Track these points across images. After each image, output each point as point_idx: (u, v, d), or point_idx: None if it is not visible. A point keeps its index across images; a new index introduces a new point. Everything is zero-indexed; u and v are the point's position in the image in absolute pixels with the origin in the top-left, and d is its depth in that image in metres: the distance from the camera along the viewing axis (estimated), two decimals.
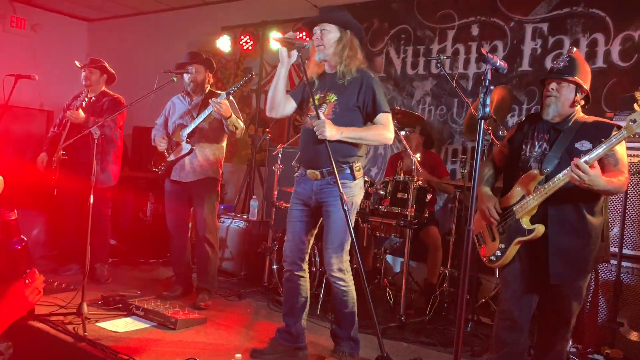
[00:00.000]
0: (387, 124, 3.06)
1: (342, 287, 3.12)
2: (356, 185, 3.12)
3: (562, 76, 2.69)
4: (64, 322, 3.40)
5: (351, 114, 3.05)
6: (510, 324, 2.75)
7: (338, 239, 3.07)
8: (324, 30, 3.07)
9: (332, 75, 3.14)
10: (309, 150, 3.13)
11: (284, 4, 6.36)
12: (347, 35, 3.09)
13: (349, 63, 3.06)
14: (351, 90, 3.05)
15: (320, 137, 2.86)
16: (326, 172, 3.07)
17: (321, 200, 3.11)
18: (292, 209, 3.23)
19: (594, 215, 2.63)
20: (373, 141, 3.13)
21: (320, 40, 3.07)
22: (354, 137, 3.03)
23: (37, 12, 7.94)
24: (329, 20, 3.09)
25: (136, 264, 5.41)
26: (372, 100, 3.03)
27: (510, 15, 4.96)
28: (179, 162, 4.17)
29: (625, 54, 4.40)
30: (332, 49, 3.07)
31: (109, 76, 4.81)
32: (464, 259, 2.06)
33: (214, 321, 3.81)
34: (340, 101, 3.05)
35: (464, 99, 4.28)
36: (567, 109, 2.71)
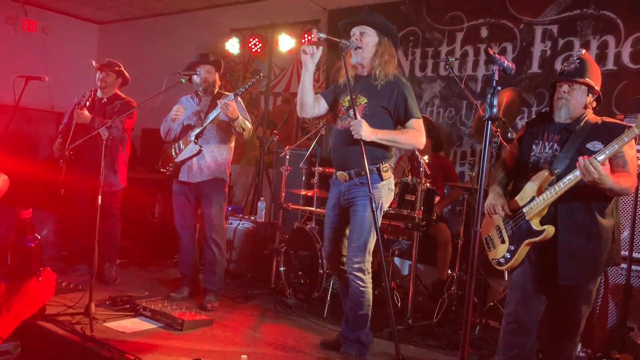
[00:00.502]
0: (420, 128, 3.10)
1: (360, 287, 3.13)
2: (384, 187, 3.15)
3: (574, 78, 2.67)
4: (71, 322, 3.42)
5: (380, 117, 3.08)
6: (517, 327, 2.73)
7: (363, 238, 3.11)
8: (364, 33, 3.10)
9: (366, 78, 3.16)
10: (339, 151, 3.18)
11: (292, 7, 6.38)
12: (384, 41, 3.12)
13: (385, 67, 3.08)
14: (383, 93, 3.08)
15: (356, 136, 2.90)
16: (354, 174, 3.12)
17: (349, 200, 3.17)
18: (327, 214, 3.34)
19: (605, 217, 2.61)
20: (406, 144, 3.17)
21: (359, 42, 3.09)
22: (388, 140, 3.06)
23: (48, 15, 8.02)
24: (368, 24, 3.11)
25: (144, 264, 5.42)
26: (404, 106, 3.07)
27: (520, 17, 4.94)
28: (186, 163, 4.17)
29: (636, 56, 4.36)
30: (370, 52, 3.10)
31: (123, 79, 4.84)
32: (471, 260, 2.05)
33: (221, 322, 3.81)
34: (370, 103, 3.09)
35: (472, 101, 4.25)
36: (580, 110, 2.69)
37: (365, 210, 3.09)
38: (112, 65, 4.74)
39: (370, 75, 3.14)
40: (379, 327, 3.89)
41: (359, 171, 3.09)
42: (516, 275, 2.78)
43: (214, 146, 4.19)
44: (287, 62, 6.60)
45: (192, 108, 4.30)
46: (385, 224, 4.27)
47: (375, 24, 3.11)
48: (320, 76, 6.22)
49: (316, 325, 3.95)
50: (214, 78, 4.29)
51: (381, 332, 3.82)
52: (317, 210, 4.64)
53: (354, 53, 3.10)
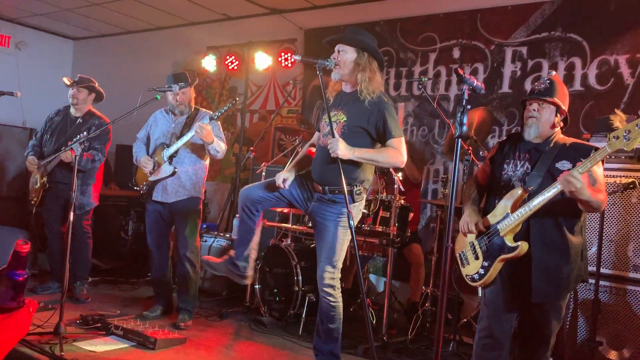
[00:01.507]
0: (399, 147, 3.11)
1: (330, 302, 3.15)
2: (355, 208, 3.16)
3: (543, 97, 2.76)
4: (40, 342, 3.34)
5: (358, 136, 3.09)
6: (490, 342, 2.76)
7: (333, 254, 3.13)
8: (341, 51, 3.14)
9: (350, 94, 3.20)
10: (318, 166, 3.21)
11: (269, 26, 6.44)
12: (364, 57, 3.13)
13: (367, 85, 3.11)
14: (363, 112, 3.10)
15: (332, 154, 2.92)
16: (327, 190, 3.14)
17: (317, 214, 3.19)
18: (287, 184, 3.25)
19: (574, 235, 2.67)
20: (385, 163, 3.20)
21: (337, 59, 3.13)
22: (366, 158, 3.08)
23: (23, 30, 7.94)
24: (346, 41, 3.16)
25: (116, 283, 5.34)
26: (384, 126, 3.08)
27: (491, 39, 5.07)
28: (161, 183, 4.14)
29: (602, 77, 4.51)
30: (349, 68, 3.13)
31: (97, 95, 4.79)
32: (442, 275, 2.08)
33: (194, 341, 3.76)
34: (349, 122, 3.11)
35: (445, 120, 4.34)
36: (548, 130, 2.77)
37: (336, 228, 3.12)
38: (83, 82, 4.69)
39: (354, 92, 3.17)
40: (353, 344, 3.89)
41: (333, 189, 3.11)
42: (489, 291, 2.82)
43: (189, 166, 4.18)
44: (263, 79, 6.64)
45: (166, 125, 4.28)
46: (361, 240, 4.29)
47: (353, 41, 3.15)
48: (297, 94, 6.28)
49: (291, 344, 3.93)
50: (189, 98, 4.26)
51: (355, 349, 3.82)
52: (293, 227, 4.64)
53: (334, 70, 3.15)
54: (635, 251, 3.46)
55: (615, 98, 4.39)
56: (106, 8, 6.87)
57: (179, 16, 6.94)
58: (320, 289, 3.15)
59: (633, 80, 4.36)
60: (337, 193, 3.09)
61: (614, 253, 3.53)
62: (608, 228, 3.53)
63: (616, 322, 3.46)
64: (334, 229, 3.12)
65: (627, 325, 3.42)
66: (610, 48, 4.47)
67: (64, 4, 6.87)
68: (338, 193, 3.09)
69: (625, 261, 3.48)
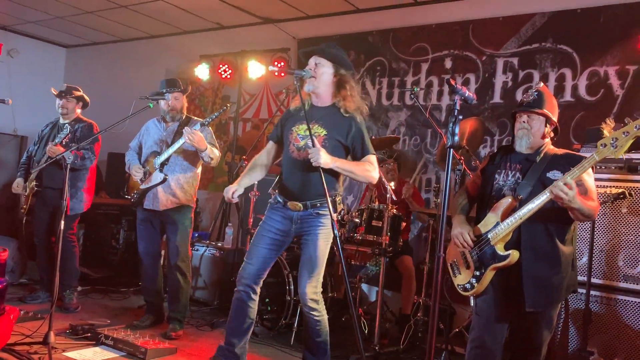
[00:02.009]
0: (374, 163, 3.15)
1: (316, 316, 3.14)
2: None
3: (532, 109, 2.78)
4: (29, 352, 3.31)
5: (336, 150, 3.10)
6: (482, 352, 2.76)
7: (316, 269, 3.12)
8: (319, 64, 3.13)
9: (323, 109, 3.17)
10: (294, 181, 3.15)
11: (262, 35, 6.46)
12: (341, 73, 3.15)
13: (346, 101, 3.12)
14: (342, 128, 3.11)
15: (315, 164, 2.88)
16: (310, 205, 3.12)
17: (301, 230, 3.16)
18: (262, 234, 3.22)
19: (565, 244, 2.69)
20: (360, 176, 3.16)
21: (314, 72, 3.12)
22: (345, 169, 3.09)
23: (15, 37, 7.92)
24: (324, 55, 3.15)
25: (107, 292, 5.30)
26: (361, 143, 3.12)
27: (482, 50, 5.11)
28: (152, 190, 4.12)
29: (592, 88, 4.55)
30: (325, 82, 3.13)
31: (83, 102, 4.80)
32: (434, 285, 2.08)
33: (185, 351, 3.74)
34: (330, 136, 3.10)
35: (437, 130, 4.36)
36: (539, 140, 2.80)
37: (318, 240, 3.11)
38: (71, 91, 4.69)
39: (329, 107, 3.16)
40: (345, 354, 3.88)
41: (314, 203, 3.10)
42: (481, 301, 2.82)
43: (180, 174, 4.16)
44: (256, 88, 6.65)
45: (158, 133, 4.28)
46: (353, 249, 4.29)
47: (331, 56, 3.15)
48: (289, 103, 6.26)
49: (282, 353, 3.92)
50: (181, 104, 4.28)
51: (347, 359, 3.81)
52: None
53: (308, 81, 3.11)
54: (626, 261, 3.48)
55: (605, 109, 4.43)
56: (99, 16, 6.87)
57: (172, 25, 6.95)
58: (304, 305, 3.13)
59: (622, 91, 4.41)
60: (318, 206, 3.11)
61: (605, 263, 3.54)
62: (599, 238, 3.55)
63: (607, 332, 3.47)
64: (317, 241, 3.11)
65: (618, 335, 3.43)
66: (600, 59, 4.52)
67: (57, 12, 6.86)
68: (320, 205, 3.11)
69: (616, 271, 3.50)
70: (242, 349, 3.27)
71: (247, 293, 3.19)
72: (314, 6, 5.84)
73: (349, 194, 5.83)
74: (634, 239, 3.45)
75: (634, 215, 3.47)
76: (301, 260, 3.16)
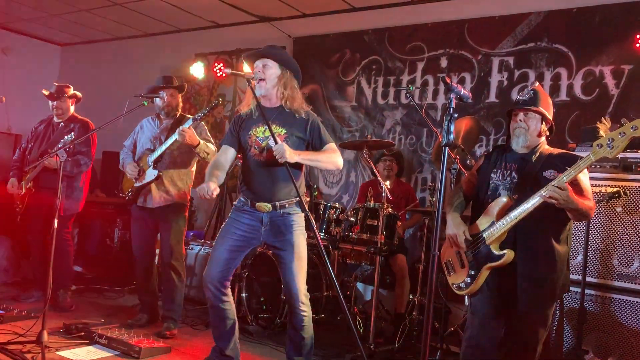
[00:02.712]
0: (336, 150, 3.20)
1: (305, 314, 3.14)
2: (303, 217, 3.19)
3: (528, 107, 2.79)
4: (22, 351, 3.29)
5: (300, 147, 3.13)
6: (477, 351, 2.76)
7: (302, 268, 3.13)
8: (266, 66, 3.14)
9: (276, 109, 3.18)
10: (261, 183, 3.14)
11: (257, 34, 6.44)
12: (287, 74, 3.17)
13: (293, 102, 3.15)
14: (300, 124, 3.15)
15: (281, 160, 2.88)
16: (278, 205, 3.11)
17: (274, 234, 3.14)
18: (225, 237, 3.18)
19: (560, 244, 2.69)
20: (327, 163, 3.18)
21: (262, 74, 3.12)
22: (310, 159, 3.12)
23: (9, 35, 7.88)
24: (270, 56, 3.16)
25: (101, 291, 5.27)
26: (319, 134, 3.17)
27: (478, 49, 5.11)
28: (145, 188, 4.10)
29: (587, 88, 4.56)
30: (273, 83, 3.14)
31: (77, 99, 4.77)
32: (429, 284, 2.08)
33: (179, 350, 3.72)
34: (290, 134, 3.12)
35: (432, 129, 4.36)
36: (535, 139, 2.81)
37: (298, 238, 3.12)
38: (62, 91, 4.65)
39: (278, 107, 3.18)
40: (340, 353, 3.88)
41: (284, 203, 3.11)
42: (476, 300, 2.82)
43: (174, 171, 4.15)
44: None
45: (152, 130, 4.26)
46: (348, 248, 4.28)
47: (277, 57, 3.16)
48: None
49: (277, 352, 3.90)
50: (177, 102, 4.27)
51: (342, 358, 3.80)
52: None
53: (258, 85, 3.11)
54: (621, 260, 3.48)
55: (600, 108, 4.44)
56: (94, 14, 6.83)
57: (167, 23, 6.93)
58: (297, 304, 3.11)
59: (618, 90, 4.42)
60: (287, 206, 3.12)
61: (600, 262, 3.55)
62: (593, 237, 3.56)
63: (601, 330, 3.48)
64: (296, 240, 3.11)
65: (612, 334, 3.44)
66: (596, 59, 4.53)
67: (51, 10, 6.82)
68: (288, 206, 3.12)
69: (611, 270, 3.51)
70: (234, 350, 3.26)
71: (216, 296, 3.14)
72: (309, 4, 5.83)
73: (344, 192, 5.82)
74: (629, 238, 3.45)
75: (628, 214, 3.47)
76: (285, 261, 3.13)
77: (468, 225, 2.87)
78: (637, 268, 3.42)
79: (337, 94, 5.96)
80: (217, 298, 3.14)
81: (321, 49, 6.07)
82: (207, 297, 3.18)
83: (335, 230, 4.39)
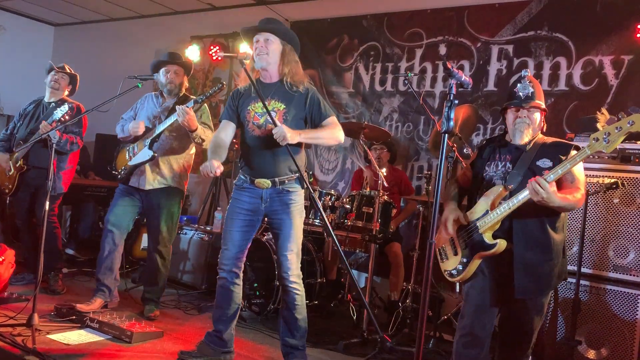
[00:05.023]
0: (336, 123, 3.16)
1: (298, 292, 3.14)
2: (303, 194, 3.21)
3: (533, 103, 2.75)
4: (12, 334, 3.25)
5: (299, 123, 3.11)
6: (470, 339, 2.75)
7: (296, 245, 3.13)
8: (268, 40, 3.10)
9: (275, 84, 3.15)
10: (261, 157, 3.13)
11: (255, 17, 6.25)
12: (288, 48, 3.14)
13: (293, 76, 3.12)
14: (299, 101, 3.12)
15: (282, 143, 2.86)
16: (278, 182, 3.10)
17: (272, 208, 3.14)
18: (232, 218, 3.19)
19: (556, 231, 2.68)
20: (329, 139, 3.16)
21: (265, 48, 3.08)
22: (312, 137, 3.12)
23: (1, 14, 7.75)
24: (271, 31, 3.12)
25: (93, 274, 5.21)
26: (319, 108, 3.14)
27: (477, 36, 5.06)
28: (139, 168, 3.99)
29: (587, 78, 4.52)
30: (276, 58, 3.11)
31: (73, 87, 4.68)
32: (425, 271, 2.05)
33: (172, 335, 3.70)
34: (289, 110, 3.10)
35: (430, 117, 4.32)
36: (537, 132, 2.80)
37: (294, 216, 3.11)
38: (64, 68, 4.59)
39: (280, 82, 3.15)
40: (334, 340, 3.87)
41: (283, 179, 3.10)
42: (470, 288, 2.81)
43: (171, 153, 4.04)
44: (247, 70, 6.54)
45: (153, 108, 4.13)
46: (343, 236, 4.26)
47: (278, 31, 3.13)
48: None
49: (270, 339, 3.89)
50: (181, 80, 4.13)
51: (336, 345, 3.79)
52: None
53: (258, 58, 3.08)
54: (616, 251, 3.48)
55: (599, 98, 4.41)
56: None
57: (163, 4, 6.82)
58: (288, 282, 3.11)
59: (617, 81, 4.39)
60: (286, 183, 3.10)
61: (595, 253, 3.54)
62: (590, 228, 3.55)
63: (595, 321, 3.48)
64: (292, 218, 3.11)
65: (606, 325, 3.45)
66: (596, 49, 4.49)
67: None
68: (288, 182, 3.10)
69: (606, 261, 3.51)
70: (230, 335, 3.27)
71: (230, 279, 3.19)
72: None
73: (340, 179, 5.79)
74: (625, 229, 3.45)
75: (625, 205, 3.46)
76: (280, 239, 3.14)
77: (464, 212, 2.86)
78: (633, 259, 3.42)
79: (335, 79, 5.90)
80: (230, 280, 3.19)
81: (319, 34, 6.00)
82: (219, 278, 3.21)
83: (330, 217, 4.36)
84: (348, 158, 5.76)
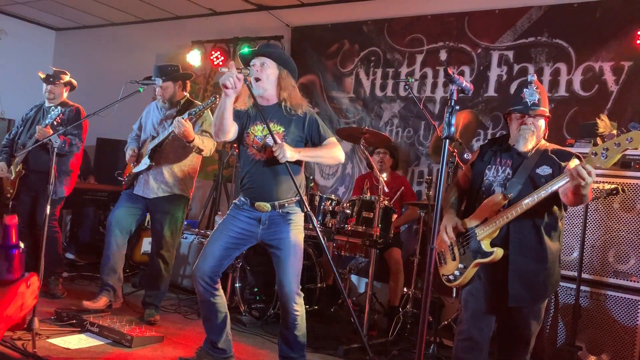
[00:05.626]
0: (336, 144, 3.15)
1: (298, 312, 3.11)
2: (303, 216, 3.18)
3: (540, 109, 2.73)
4: (12, 338, 3.25)
5: (299, 145, 3.10)
6: (469, 344, 2.75)
7: (297, 269, 3.10)
8: (264, 65, 3.08)
9: (273, 107, 3.12)
10: (261, 182, 3.10)
11: (255, 22, 6.38)
12: (284, 73, 3.12)
13: (292, 101, 3.10)
14: (297, 123, 3.11)
15: (282, 160, 2.86)
16: (277, 205, 3.09)
17: (271, 233, 3.11)
18: (222, 233, 3.15)
19: (553, 240, 2.68)
20: (328, 158, 3.16)
21: (260, 73, 3.07)
22: (311, 156, 3.13)
23: (3, 19, 7.77)
24: (268, 55, 3.10)
25: (94, 278, 5.23)
26: (317, 130, 3.13)
27: (478, 42, 5.08)
28: (142, 176, 4.03)
29: (587, 84, 4.53)
30: (272, 84, 3.10)
31: (71, 87, 4.70)
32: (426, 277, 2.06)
33: (172, 339, 3.70)
34: (288, 133, 3.09)
35: (431, 122, 4.33)
36: (541, 138, 2.79)
37: (295, 238, 3.09)
38: (59, 76, 4.57)
39: (277, 105, 3.12)
40: (334, 345, 3.86)
41: (283, 202, 3.09)
42: (467, 293, 2.81)
43: (174, 161, 4.06)
44: None
45: (157, 116, 4.18)
46: (343, 241, 4.26)
47: (274, 56, 3.11)
48: None
49: (270, 343, 3.89)
50: (171, 93, 4.15)
51: (336, 350, 3.79)
52: None
53: (255, 85, 3.06)
54: (617, 257, 3.48)
55: (599, 104, 4.41)
56: None
57: (164, 9, 6.85)
58: (289, 305, 3.07)
59: (617, 87, 4.40)
60: (286, 206, 3.10)
61: (596, 258, 3.54)
62: (590, 233, 3.55)
63: (595, 327, 3.48)
64: (294, 240, 3.08)
65: (606, 331, 3.44)
66: (596, 55, 4.50)
67: None
68: (288, 205, 3.10)
69: (606, 267, 3.51)
70: (226, 342, 3.24)
71: (206, 290, 3.10)
72: None
73: (340, 184, 5.80)
74: (626, 235, 3.45)
75: (626, 211, 3.47)
76: (280, 261, 3.09)
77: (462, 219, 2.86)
78: (633, 265, 3.42)
79: (335, 84, 5.92)
80: (208, 292, 3.11)
81: (320, 39, 6.02)
82: (197, 291, 3.14)
83: (330, 222, 4.36)
84: (348, 163, 5.77)
